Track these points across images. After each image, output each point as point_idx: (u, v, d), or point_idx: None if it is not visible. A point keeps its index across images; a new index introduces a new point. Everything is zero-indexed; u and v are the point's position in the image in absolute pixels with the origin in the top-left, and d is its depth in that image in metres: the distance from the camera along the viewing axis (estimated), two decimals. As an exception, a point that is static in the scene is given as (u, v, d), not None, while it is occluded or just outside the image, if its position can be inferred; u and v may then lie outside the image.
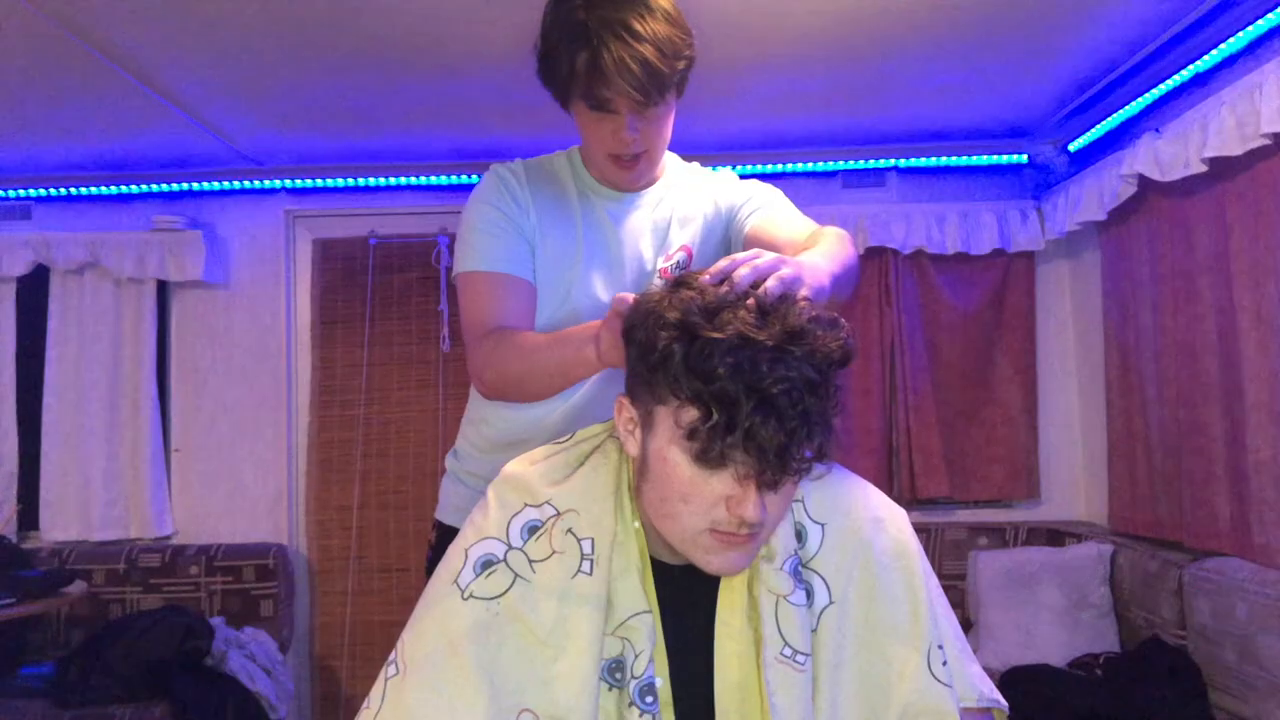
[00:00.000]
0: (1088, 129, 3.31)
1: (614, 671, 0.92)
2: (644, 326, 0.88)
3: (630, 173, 1.39)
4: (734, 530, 0.86)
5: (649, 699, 0.91)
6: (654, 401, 0.88)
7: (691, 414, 0.83)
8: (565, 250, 1.41)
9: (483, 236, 1.39)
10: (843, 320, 0.87)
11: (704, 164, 1.58)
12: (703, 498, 0.86)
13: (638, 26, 1.24)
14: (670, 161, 1.52)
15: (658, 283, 1.14)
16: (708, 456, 0.83)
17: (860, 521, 1.00)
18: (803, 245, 1.30)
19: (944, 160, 3.64)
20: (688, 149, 4.21)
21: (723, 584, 0.96)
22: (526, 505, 0.99)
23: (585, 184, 1.45)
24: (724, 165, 3.57)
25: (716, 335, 0.82)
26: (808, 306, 0.86)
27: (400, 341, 3.77)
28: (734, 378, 0.80)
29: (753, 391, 0.80)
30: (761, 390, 0.80)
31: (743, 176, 1.56)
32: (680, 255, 1.46)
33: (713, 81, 2.91)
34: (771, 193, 1.50)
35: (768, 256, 0.93)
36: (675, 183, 1.50)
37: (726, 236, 1.50)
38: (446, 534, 1.49)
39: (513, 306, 1.37)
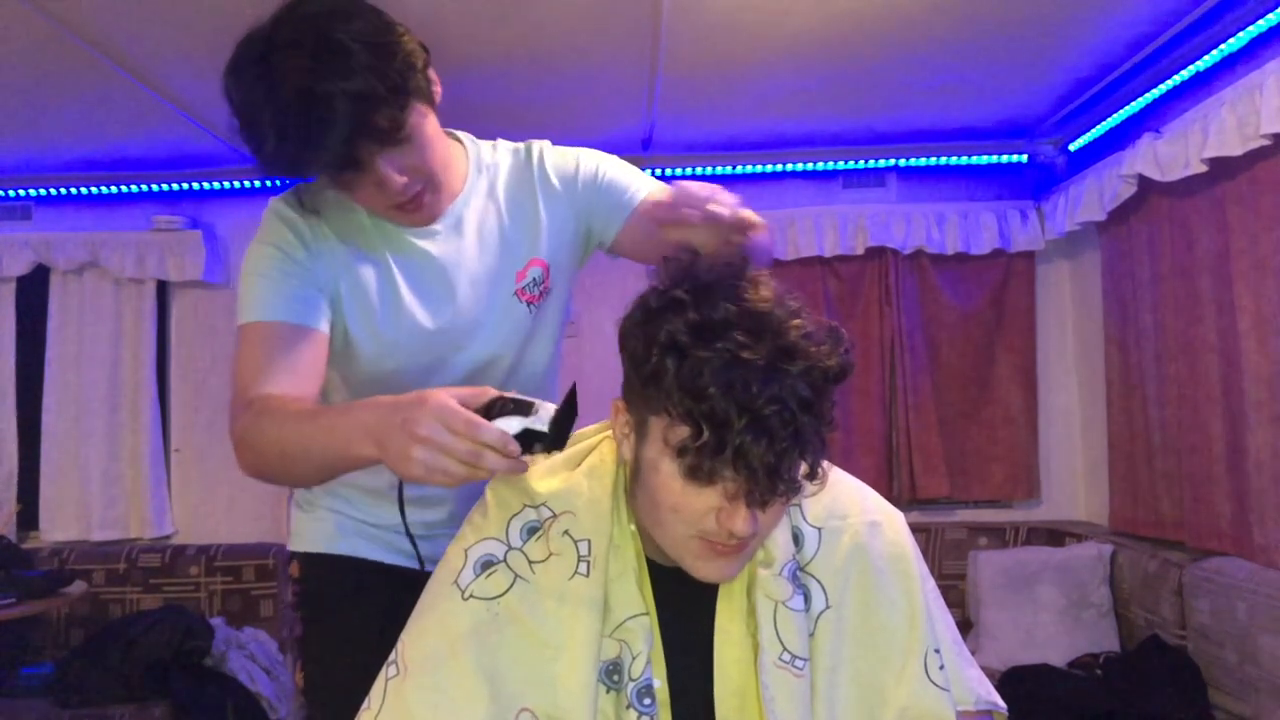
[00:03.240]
0: (1088, 129, 3.31)
1: (611, 674, 0.92)
2: (636, 337, 0.87)
3: (420, 213, 1.18)
4: (723, 540, 0.86)
5: (647, 701, 0.91)
6: (647, 411, 0.87)
7: (682, 431, 0.82)
8: (383, 297, 1.22)
9: (259, 281, 1.17)
10: (843, 331, 0.85)
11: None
12: (692, 509, 0.85)
13: (326, 88, 1.02)
14: (467, 150, 1.29)
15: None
16: (697, 473, 0.83)
17: (857, 525, 1.00)
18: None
19: (944, 160, 3.64)
20: (688, 149, 4.17)
21: (721, 590, 0.96)
22: (525, 506, 0.99)
23: (375, 218, 1.23)
24: (724, 165, 3.57)
25: (706, 354, 0.80)
26: (803, 322, 0.84)
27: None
28: (725, 397, 0.79)
29: (744, 411, 0.79)
30: (753, 410, 0.79)
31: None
32: (534, 271, 1.29)
33: (713, 81, 2.91)
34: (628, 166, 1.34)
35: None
36: (485, 179, 1.29)
37: (583, 216, 1.32)
38: (314, 563, 1.42)
39: (287, 364, 1.13)
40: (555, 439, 0.86)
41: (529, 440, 0.85)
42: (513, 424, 0.85)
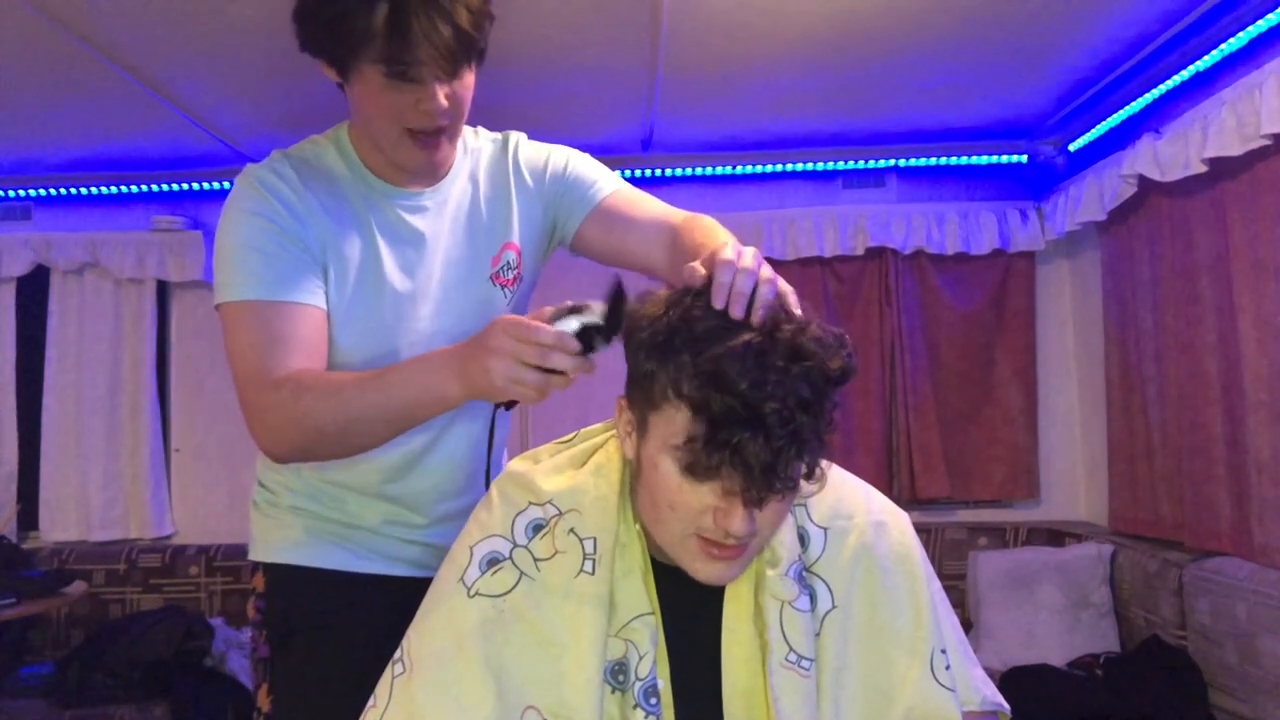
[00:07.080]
0: (1088, 129, 3.31)
1: (617, 674, 0.92)
2: (643, 329, 0.87)
3: (431, 154, 1.16)
4: (720, 540, 0.86)
5: (653, 700, 0.91)
6: (649, 408, 0.87)
7: (680, 426, 0.83)
8: (364, 267, 1.19)
9: (251, 256, 1.14)
10: (847, 338, 0.86)
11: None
12: (689, 507, 0.85)
13: None
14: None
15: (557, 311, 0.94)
16: (695, 469, 0.83)
17: (863, 525, 1.00)
18: (677, 231, 1.19)
19: (944, 160, 3.64)
20: (688, 149, 4.17)
21: (729, 590, 0.96)
22: (531, 504, 0.98)
23: (367, 182, 1.21)
24: (724, 165, 3.57)
25: (711, 348, 0.81)
26: (811, 324, 0.84)
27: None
28: (726, 394, 0.80)
29: (744, 408, 0.79)
30: (752, 408, 0.79)
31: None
32: (508, 255, 1.28)
33: (713, 81, 2.91)
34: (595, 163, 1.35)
35: (767, 270, 0.88)
36: (469, 162, 1.29)
37: (550, 209, 1.32)
38: (280, 575, 1.26)
39: (301, 344, 1.11)
40: (612, 326, 0.91)
41: (589, 336, 0.91)
42: (570, 323, 0.92)
